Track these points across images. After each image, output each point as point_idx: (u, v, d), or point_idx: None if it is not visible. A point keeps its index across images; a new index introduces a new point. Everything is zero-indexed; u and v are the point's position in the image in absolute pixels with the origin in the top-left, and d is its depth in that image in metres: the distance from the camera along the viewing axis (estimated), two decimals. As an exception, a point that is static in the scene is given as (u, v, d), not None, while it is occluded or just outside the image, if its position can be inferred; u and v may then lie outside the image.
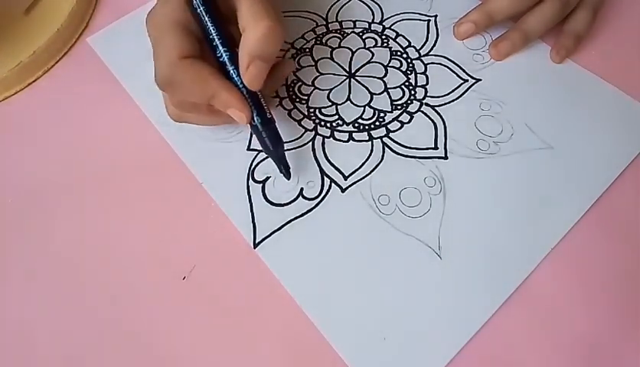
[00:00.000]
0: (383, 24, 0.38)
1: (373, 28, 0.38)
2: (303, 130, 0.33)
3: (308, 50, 0.37)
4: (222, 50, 0.26)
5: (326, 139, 0.33)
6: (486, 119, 0.33)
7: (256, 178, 0.31)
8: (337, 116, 0.34)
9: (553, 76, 0.35)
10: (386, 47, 0.37)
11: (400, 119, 0.33)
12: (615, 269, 0.28)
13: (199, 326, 0.27)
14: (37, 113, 0.35)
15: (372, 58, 0.36)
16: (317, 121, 0.33)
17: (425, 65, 0.36)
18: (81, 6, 0.40)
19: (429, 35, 0.38)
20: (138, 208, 0.31)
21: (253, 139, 0.32)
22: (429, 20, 0.39)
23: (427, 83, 0.35)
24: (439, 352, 0.25)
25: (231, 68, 0.27)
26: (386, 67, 0.36)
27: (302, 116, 0.34)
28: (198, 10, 0.26)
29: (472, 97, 0.34)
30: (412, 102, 0.34)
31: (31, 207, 0.31)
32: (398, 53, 0.37)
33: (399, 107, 0.34)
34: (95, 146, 0.33)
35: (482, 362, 0.25)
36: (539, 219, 0.29)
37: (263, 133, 0.28)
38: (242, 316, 0.27)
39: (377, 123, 0.33)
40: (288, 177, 0.30)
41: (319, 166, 0.31)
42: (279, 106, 0.34)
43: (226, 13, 0.27)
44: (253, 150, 0.32)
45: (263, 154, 0.32)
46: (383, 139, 0.33)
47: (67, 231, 0.30)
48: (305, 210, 0.30)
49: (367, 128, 0.33)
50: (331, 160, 0.32)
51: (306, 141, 0.32)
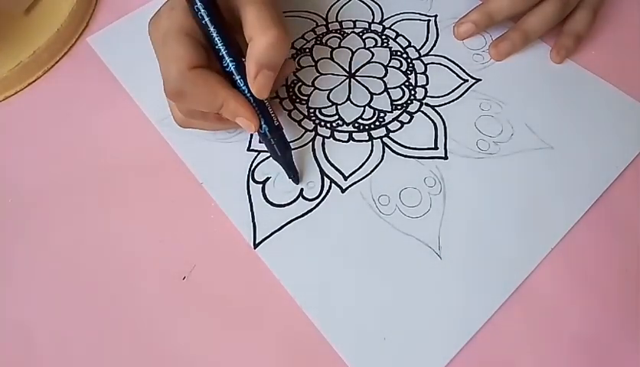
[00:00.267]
0: (383, 24, 0.38)
1: (373, 28, 0.38)
2: (303, 130, 0.33)
3: (308, 50, 0.37)
4: (228, 61, 0.26)
5: (326, 139, 0.33)
6: (486, 119, 0.33)
7: (256, 178, 0.31)
8: (337, 116, 0.34)
9: (553, 76, 0.35)
10: (386, 47, 0.37)
11: (400, 119, 0.33)
12: (615, 269, 0.28)
13: (199, 326, 0.27)
14: (37, 113, 0.35)
15: (372, 58, 0.36)
16: (317, 121, 0.33)
17: (425, 65, 0.36)
18: (81, 6, 0.40)
19: (429, 35, 0.38)
20: (138, 208, 0.31)
21: (253, 139, 0.33)
22: (429, 20, 0.39)
23: (427, 83, 0.35)
24: (439, 352, 0.25)
25: (238, 77, 0.27)
26: (386, 67, 0.36)
27: (302, 117, 0.34)
28: (203, 21, 0.25)
29: (472, 97, 0.34)
30: (412, 102, 0.34)
31: (31, 207, 0.31)
32: (398, 53, 0.37)
33: (399, 107, 0.34)
34: (95, 146, 0.33)
35: (482, 362, 0.25)
36: (539, 219, 0.29)
37: (272, 140, 0.28)
38: (242, 316, 0.27)
39: (377, 123, 0.33)
40: (297, 181, 0.30)
41: (319, 166, 0.31)
42: (279, 107, 0.34)
43: (231, 21, 0.27)
44: (253, 150, 0.32)
45: (263, 155, 0.32)
46: (383, 139, 0.33)
47: (67, 231, 0.30)
48: (305, 211, 0.30)
49: (367, 128, 0.33)
50: (331, 160, 0.32)
51: (306, 142, 0.32)
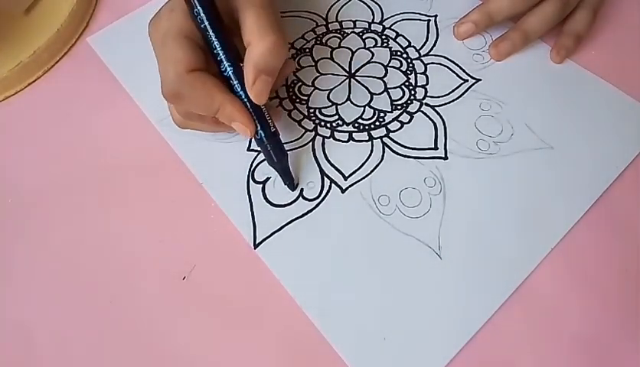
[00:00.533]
0: (383, 24, 0.38)
1: (373, 28, 0.38)
2: (303, 130, 0.33)
3: (308, 50, 0.37)
4: (227, 65, 0.26)
5: (326, 139, 0.33)
6: (486, 119, 0.33)
7: (256, 178, 0.31)
8: (337, 116, 0.34)
9: (553, 76, 0.35)
10: (386, 46, 0.37)
11: (400, 119, 0.33)
12: (615, 269, 0.28)
13: (199, 326, 0.27)
14: (37, 113, 0.35)
15: (372, 58, 0.36)
16: (317, 121, 0.33)
17: (425, 65, 0.36)
18: (81, 6, 0.40)
19: (429, 35, 0.38)
20: (138, 208, 0.31)
21: (253, 139, 0.32)
22: (429, 20, 0.39)
23: (427, 83, 0.35)
24: (439, 352, 0.25)
25: (235, 82, 0.27)
26: (386, 67, 0.36)
27: (302, 117, 0.34)
28: (202, 25, 0.25)
29: (472, 97, 0.34)
30: (412, 102, 0.34)
31: (31, 207, 0.31)
32: (398, 53, 0.37)
33: (399, 107, 0.34)
34: (95, 146, 0.33)
35: (482, 362, 0.25)
36: (539, 219, 0.29)
37: (268, 146, 0.28)
38: (242, 316, 0.27)
39: (377, 123, 0.33)
40: (292, 188, 0.30)
41: (319, 166, 0.31)
42: (279, 107, 0.34)
43: (229, 24, 0.27)
44: (253, 150, 0.32)
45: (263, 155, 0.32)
46: (383, 139, 0.33)
47: (67, 231, 0.30)
48: (305, 211, 0.30)
49: (367, 128, 0.33)
50: (331, 160, 0.32)
51: (306, 142, 0.32)
